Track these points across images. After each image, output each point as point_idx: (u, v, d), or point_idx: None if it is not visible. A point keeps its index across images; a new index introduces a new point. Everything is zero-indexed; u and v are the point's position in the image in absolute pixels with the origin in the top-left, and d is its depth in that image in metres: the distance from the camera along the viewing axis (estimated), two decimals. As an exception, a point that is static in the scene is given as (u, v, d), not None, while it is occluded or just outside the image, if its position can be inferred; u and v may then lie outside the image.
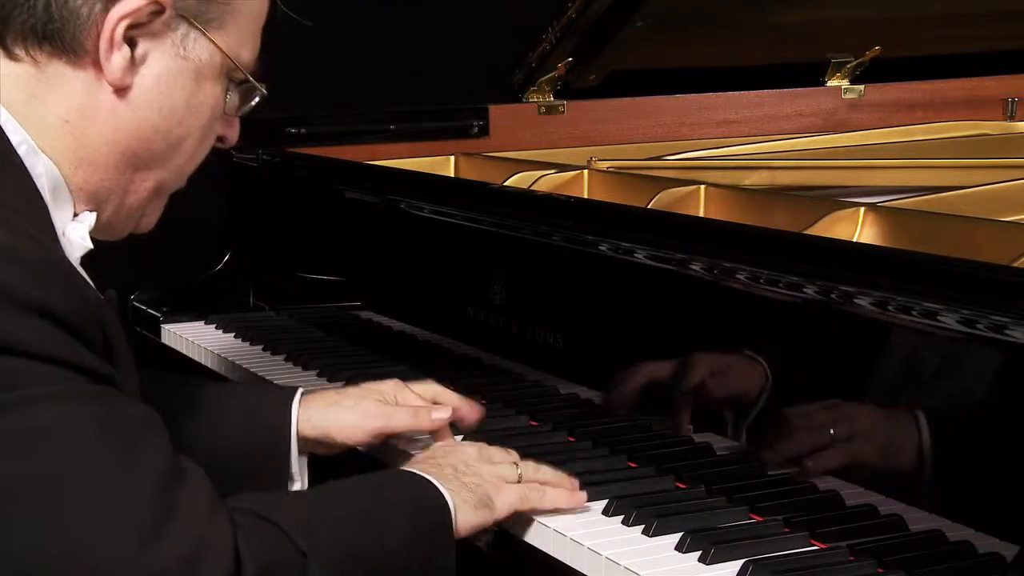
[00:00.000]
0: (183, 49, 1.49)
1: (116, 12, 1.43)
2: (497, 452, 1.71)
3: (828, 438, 1.65)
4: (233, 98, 1.57)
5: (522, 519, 1.67)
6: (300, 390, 1.84)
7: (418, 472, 1.60)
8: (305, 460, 1.80)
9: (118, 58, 1.44)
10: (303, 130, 2.92)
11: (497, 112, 3.09)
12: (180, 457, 1.37)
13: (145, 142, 1.50)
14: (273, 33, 1.73)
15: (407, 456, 1.82)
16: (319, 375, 2.29)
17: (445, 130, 3.05)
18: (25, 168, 1.44)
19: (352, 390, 1.87)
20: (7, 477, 1.27)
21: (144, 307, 2.78)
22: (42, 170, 1.46)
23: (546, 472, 1.70)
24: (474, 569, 1.81)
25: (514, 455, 1.72)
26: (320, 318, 2.66)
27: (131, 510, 1.29)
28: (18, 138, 1.44)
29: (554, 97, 3.14)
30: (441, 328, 2.37)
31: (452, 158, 2.97)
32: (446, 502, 1.56)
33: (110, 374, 1.35)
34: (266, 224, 2.87)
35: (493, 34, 3.83)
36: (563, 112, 3.14)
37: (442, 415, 1.84)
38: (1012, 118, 3.33)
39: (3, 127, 1.44)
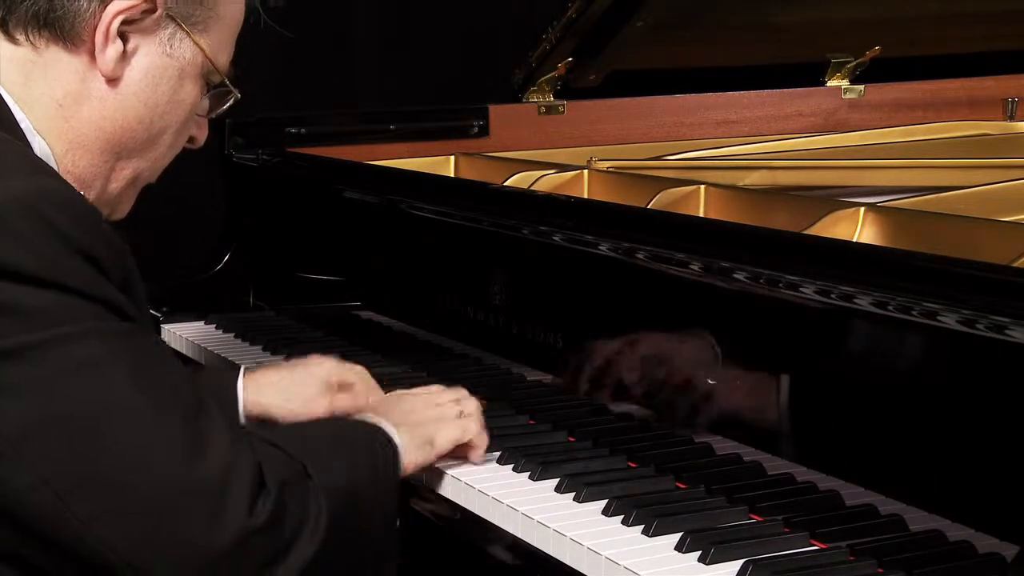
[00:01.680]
0: (169, 47, 1.60)
1: (113, 8, 1.55)
2: (443, 394, 1.85)
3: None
4: (206, 100, 1.69)
5: (523, 519, 1.68)
6: (242, 371, 1.96)
7: (369, 418, 1.74)
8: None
9: (112, 50, 1.56)
10: (303, 130, 2.92)
11: (497, 112, 3.09)
12: (198, 387, 1.52)
13: (129, 131, 1.61)
14: (274, 33, 1.76)
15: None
16: (319, 375, 2.29)
17: (445, 130, 3.05)
18: (29, 144, 1.55)
19: (296, 373, 1.97)
20: (60, 403, 1.39)
21: (144, 307, 2.78)
22: (37, 150, 1.56)
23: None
24: (475, 569, 1.81)
25: (460, 392, 1.86)
26: (320, 318, 2.66)
27: (171, 433, 1.42)
28: (17, 117, 1.55)
29: (554, 97, 3.14)
30: (441, 328, 2.37)
31: (452, 158, 2.97)
32: (395, 443, 1.70)
33: (135, 314, 1.48)
34: (266, 224, 2.87)
35: (493, 34, 3.83)
36: (563, 112, 3.14)
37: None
38: (1012, 118, 3.32)
39: (8, 106, 1.55)
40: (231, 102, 1.71)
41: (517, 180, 2.55)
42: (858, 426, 1.63)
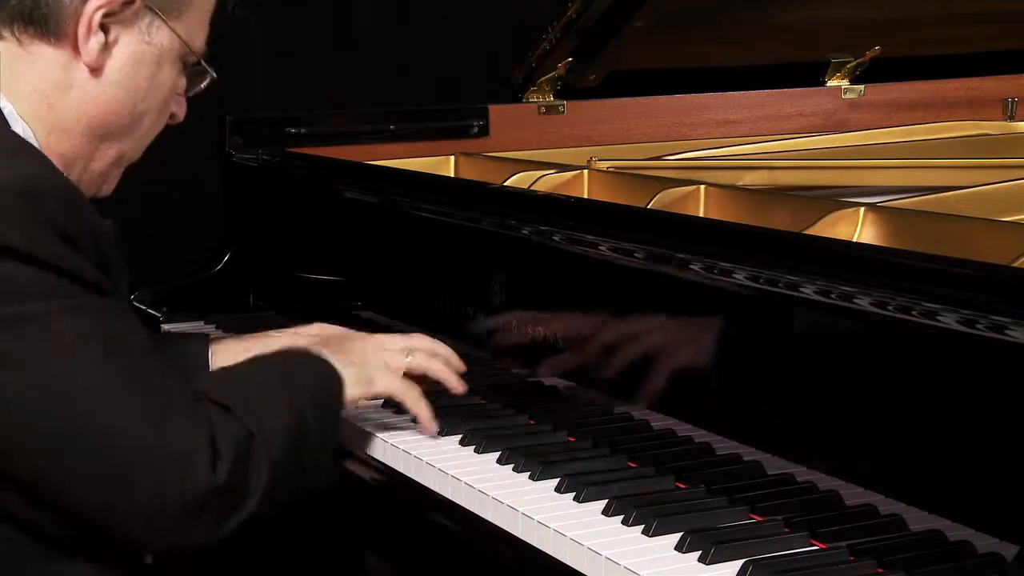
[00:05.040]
0: (148, 35, 1.72)
1: (94, 2, 1.66)
2: (392, 340, 1.96)
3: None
4: (184, 80, 1.80)
5: (524, 519, 1.68)
6: (209, 342, 2.07)
7: (315, 351, 1.87)
8: None
9: (94, 42, 1.67)
10: (303, 130, 2.92)
11: (497, 112, 3.09)
12: (159, 359, 1.64)
13: (112, 115, 1.72)
14: (274, 34, 1.78)
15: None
16: (319, 375, 2.29)
17: (445, 130, 3.05)
18: (9, 127, 1.66)
19: (258, 345, 2.05)
20: (36, 375, 1.51)
21: (144, 307, 2.78)
22: (19, 133, 1.66)
23: (436, 362, 1.96)
24: (475, 569, 1.81)
25: (411, 341, 1.96)
26: (320, 318, 2.65)
27: (137, 403, 1.54)
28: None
29: (554, 97, 3.14)
30: (441, 328, 2.36)
31: (452, 158, 2.97)
32: (339, 375, 1.82)
33: (111, 289, 1.60)
34: (266, 224, 2.87)
35: (493, 34, 3.83)
36: (563, 112, 3.14)
37: None
38: (1012, 118, 3.32)
39: None
40: (208, 81, 1.82)
41: (517, 180, 2.55)
42: (858, 426, 1.63)
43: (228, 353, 2.03)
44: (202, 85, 1.82)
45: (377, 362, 1.90)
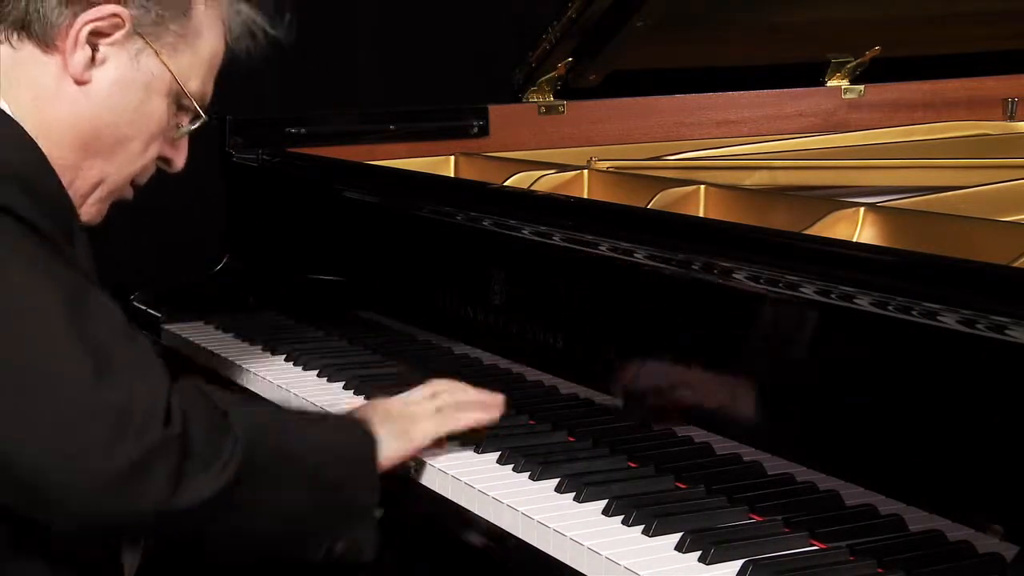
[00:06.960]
0: (137, 62, 1.74)
1: (83, 18, 1.70)
2: (413, 393, 1.91)
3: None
4: (187, 124, 1.82)
5: (524, 519, 1.68)
6: None
7: (354, 414, 1.84)
8: None
9: (80, 56, 1.71)
10: (303, 130, 2.93)
11: (497, 112, 3.09)
12: (133, 327, 1.61)
13: (96, 131, 1.74)
14: (274, 34, 1.80)
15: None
16: (319, 375, 2.30)
17: (445, 130, 3.05)
18: None
19: None
20: None
21: (144, 307, 2.78)
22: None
23: (466, 395, 1.92)
24: (475, 569, 1.81)
25: (434, 387, 1.91)
26: (320, 318, 2.66)
27: (82, 351, 1.51)
28: None
29: (554, 97, 3.14)
30: (441, 328, 2.37)
31: (452, 158, 2.97)
32: (372, 436, 1.77)
33: (71, 255, 1.61)
34: (266, 224, 2.87)
35: (493, 34, 3.83)
36: (563, 112, 3.14)
37: None
38: (1012, 118, 3.32)
39: None
40: (198, 124, 1.83)
41: (517, 180, 2.55)
42: (858, 426, 1.63)
43: None
44: (193, 127, 1.83)
45: (408, 415, 1.86)
